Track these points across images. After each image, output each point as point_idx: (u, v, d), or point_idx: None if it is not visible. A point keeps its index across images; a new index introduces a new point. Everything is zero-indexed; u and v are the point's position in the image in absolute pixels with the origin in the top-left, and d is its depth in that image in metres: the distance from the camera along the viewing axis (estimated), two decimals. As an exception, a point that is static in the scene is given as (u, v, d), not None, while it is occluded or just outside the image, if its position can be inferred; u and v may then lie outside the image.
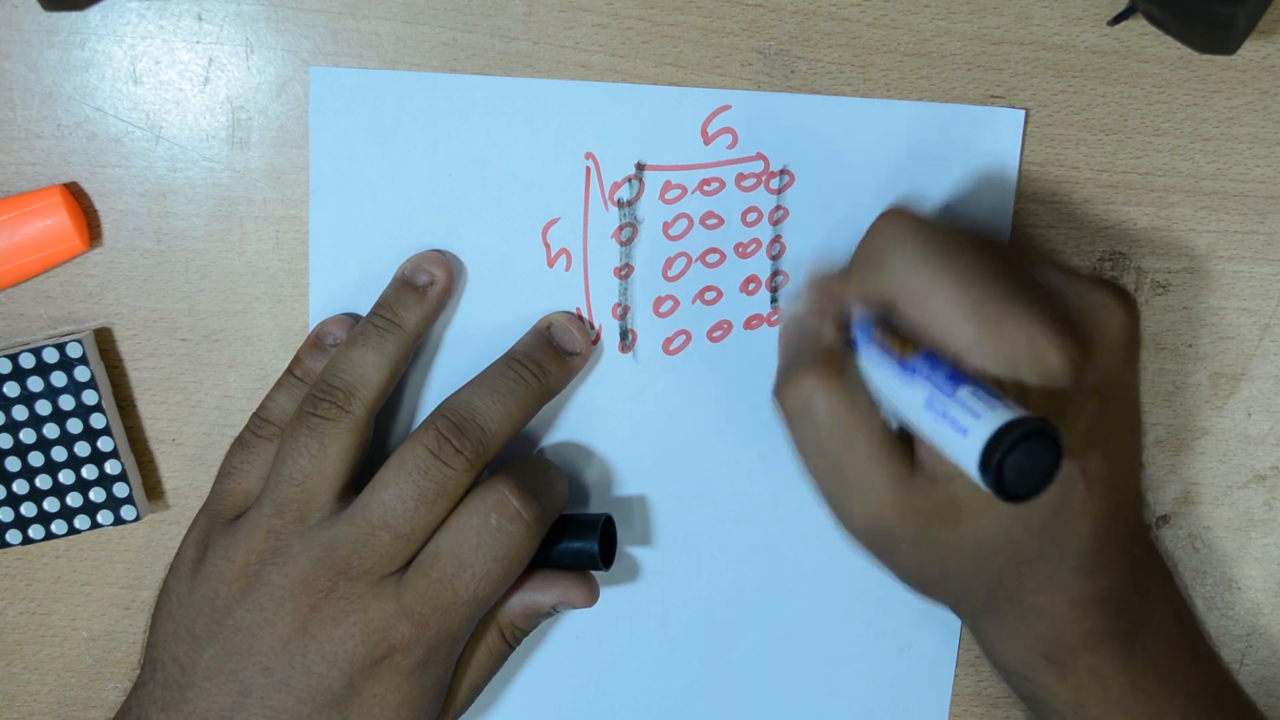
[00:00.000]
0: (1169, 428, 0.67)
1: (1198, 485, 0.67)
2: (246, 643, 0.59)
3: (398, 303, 0.63)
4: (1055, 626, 0.59)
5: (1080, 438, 0.56)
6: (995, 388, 0.51)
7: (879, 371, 0.55)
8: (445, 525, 0.60)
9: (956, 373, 0.52)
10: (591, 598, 0.64)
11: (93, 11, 0.62)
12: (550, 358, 0.63)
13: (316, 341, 0.64)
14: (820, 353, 0.57)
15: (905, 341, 0.54)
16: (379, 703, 0.59)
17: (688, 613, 0.68)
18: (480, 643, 0.63)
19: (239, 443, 0.63)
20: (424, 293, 0.63)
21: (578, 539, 0.63)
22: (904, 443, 0.56)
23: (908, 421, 0.54)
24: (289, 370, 0.64)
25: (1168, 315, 0.66)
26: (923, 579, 0.60)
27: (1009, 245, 0.57)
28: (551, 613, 0.64)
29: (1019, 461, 0.48)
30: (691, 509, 0.67)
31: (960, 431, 0.49)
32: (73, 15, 0.62)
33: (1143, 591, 0.61)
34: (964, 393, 0.50)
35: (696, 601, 0.68)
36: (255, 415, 0.64)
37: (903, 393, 0.53)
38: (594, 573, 0.64)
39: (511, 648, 0.64)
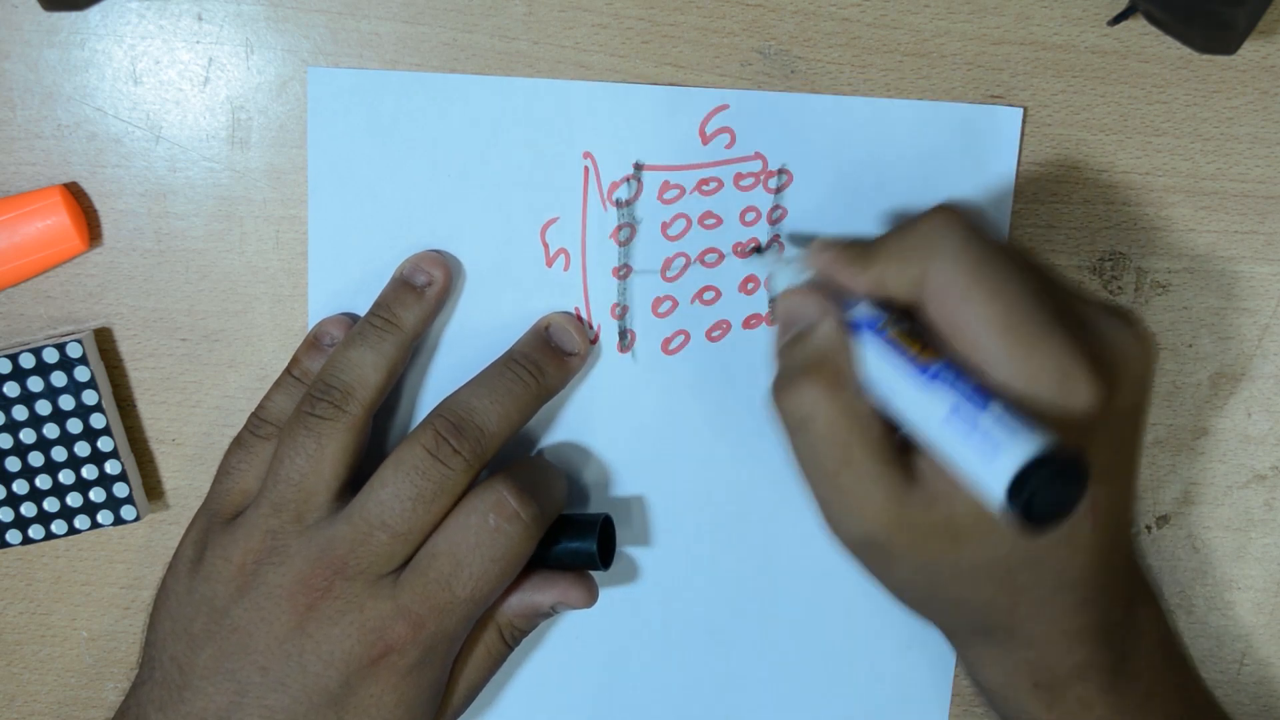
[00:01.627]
0: (1169, 428, 0.67)
1: (1198, 485, 0.67)
2: (243, 642, 0.59)
3: (396, 303, 0.63)
4: (1047, 655, 0.59)
5: (1095, 472, 0.55)
6: (1023, 412, 0.50)
7: (887, 373, 0.53)
8: (443, 525, 0.60)
9: (982, 387, 0.51)
10: (590, 598, 0.63)
11: (93, 11, 0.63)
12: (548, 358, 0.63)
13: (314, 342, 0.64)
14: (822, 355, 0.55)
15: (923, 344, 0.53)
16: (375, 703, 0.59)
17: (687, 612, 0.68)
18: (479, 643, 0.63)
19: (237, 442, 0.63)
20: (422, 293, 0.63)
21: (576, 539, 0.63)
22: (902, 453, 0.54)
23: (918, 430, 0.52)
24: (287, 370, 0.64)
25: (1168, 315, 0.66)
26: (915, 597, 0.59)
27: (1049, 271, 0.56)
28: (551, 613, 0.64)
29: (1046, 490, 0.47)
30: (691, 508, 0.67)
31: (991, 448, 0.48)
32: (73, 15, 0.62)
33: (1131, 620, 0.60)
34: (995, 409, 0.49)
35: (696, 601, 0.68)
36: (253, 415, 0.64)
37: (919, 399, 0.52)
38: (593, 573, 0.64)
39: (510, 648, 0.64)
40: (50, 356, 0.63)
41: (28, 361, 0.63)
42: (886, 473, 0.54)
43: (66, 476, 0.64)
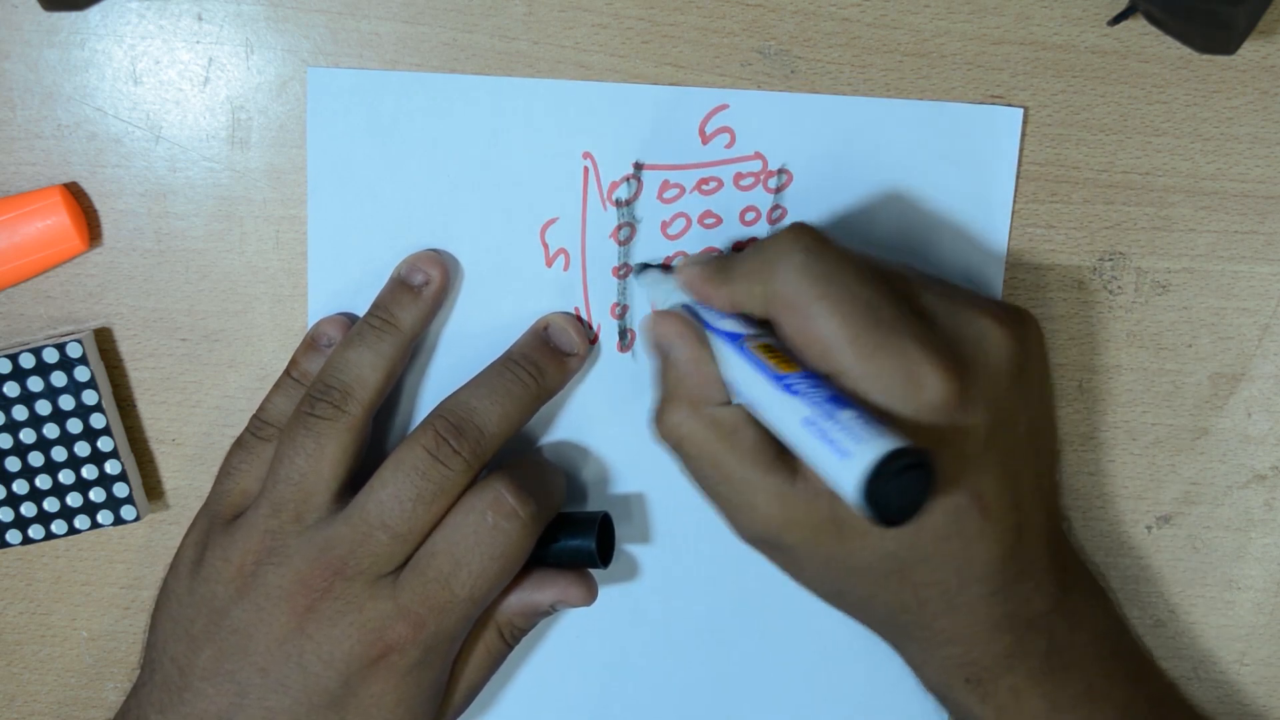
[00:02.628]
0: (1169, 428, 0.67)
1: (1198, 485, 0.67)
2: (243, 643, 0.59)
3: (394, 303, 0.63)
4: (969, 649, 0.59)
5: (969, 464, 0.56)
6: (873, 415, 0.51)
7: (751, 384, 0.55)
8: (442, 524, 0.60)
9: (836, 395, 0.52)
10: (590, 596, 0.63)
11: (93, 11, 0.63)
12: (547, 358, 0.63)
13: (312, 343, 0.64)
14: (681, 377, 0.58)
15: (782, 357, 0.55)
16: (375, 703, 0.59)
17: (687, 611, 0.68)
18: (478, 642, 0.63)
19: (238, 444, 0.63)
20: (419, 292, 0.63)
21: (575, 537, 0.63)
22: (780, 452, 0.56)
23: (783, 435, 0.54)
24: (286, 372, 0.64)
25: (1168, 315, 0.66)
26: (826, 593, 0.61)
27: (898, 272, 0.58)
28: (550, 611, 0.63)
29: (896, 489, 0.49)
30: (691, 507, 0.67)
31: (840, 454, 0.50)
32: (73, 15, 0.62)
33: (1063, 610, 0.61)
34: (844, 415, 0.51)
35: (696, 600, 0.68)
36: (254, 417, 0.64)
37: (778, 408, 0.54)
38: (593, 571, 0.64)
39: (510, 647, 0.64)
40: (50, 356, 0.63)
41: (28, 361, 0.63)
42: (764, 477, 0.56)
43: (66, 476, 0.64)
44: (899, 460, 0.48)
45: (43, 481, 0.64)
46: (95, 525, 0.65)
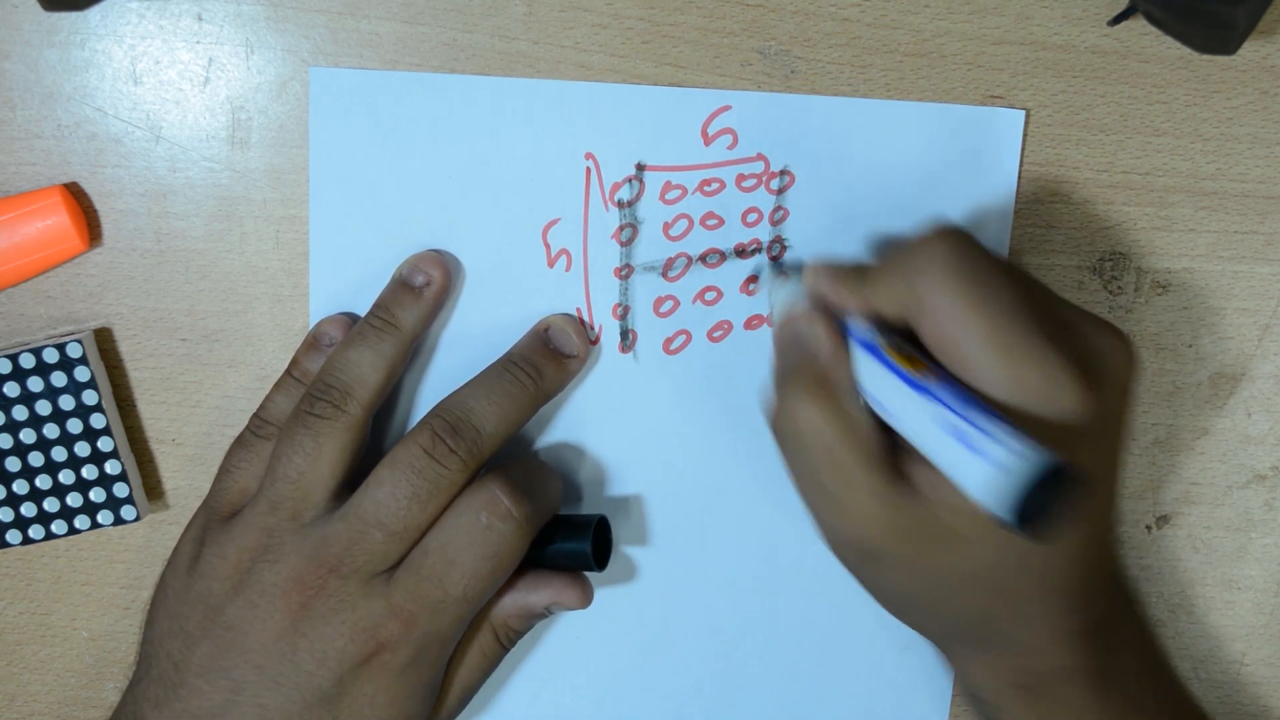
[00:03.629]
0: (1169, 428, 0.67)
1: (1198, 485, 0.67)
2: (238, 640, 0.59)
3: (395, 303, 0.63)
4: (1033, 658, 0.59)
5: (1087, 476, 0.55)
6: (1014, 424, 0.50)
7: (884, 386, 0.54)
8: (436, 524, 0.60)
9: (977, 400, 0.52)
10: (585, 599, 0.63)
11: (93, 11, 0.62)
12: (547, 360, 0.63)
13: (314, 342, 0.64)
14: (815, 372, 0.56)
15: (917, 360, 0.54)
16: (368, 702, 0.59)
17: (687, 612, 0.68)
18: (473, 643, 0.63)
19: (238, 442, 0.63)
20: (420, 293, 0.63)
21: (571, 540, 0.63)
22: (899, 462, 0.55)
23: (915, 441, 0.53)
24: (287, 371, 0.64)
25: (1168, 315, 0.66)
26: (904, 602, 0.60)
27: (1038, 283, 0.57)
28: (545, 614, 0.63)
29: (1045, 503, 0.48)
30: (691, 508, 0.67)
31: (985, 461, 0.49)
32: (73, 15, 0.62)
33: (1114, 624, 0.61)
34: (987, 421, 0.50)
35: (696, 601, 0.68)
36: (255, 416, 0.64)
37: (914, 411, 0.53)
38: (591, 573, 0.64)
39: (505, 649, 0.64)
40: (50, 356, 0.63)
41: (28, 361, 0.63)
42: (877, 479, 0.55)
43: (66, 476, 0.64)
44: (1048, 469, 0.48)
45: (43, 481, 0.64)
46: (95, 525, 0.65)
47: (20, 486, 0.64)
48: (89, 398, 0.63)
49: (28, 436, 0.64)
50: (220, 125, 0.64)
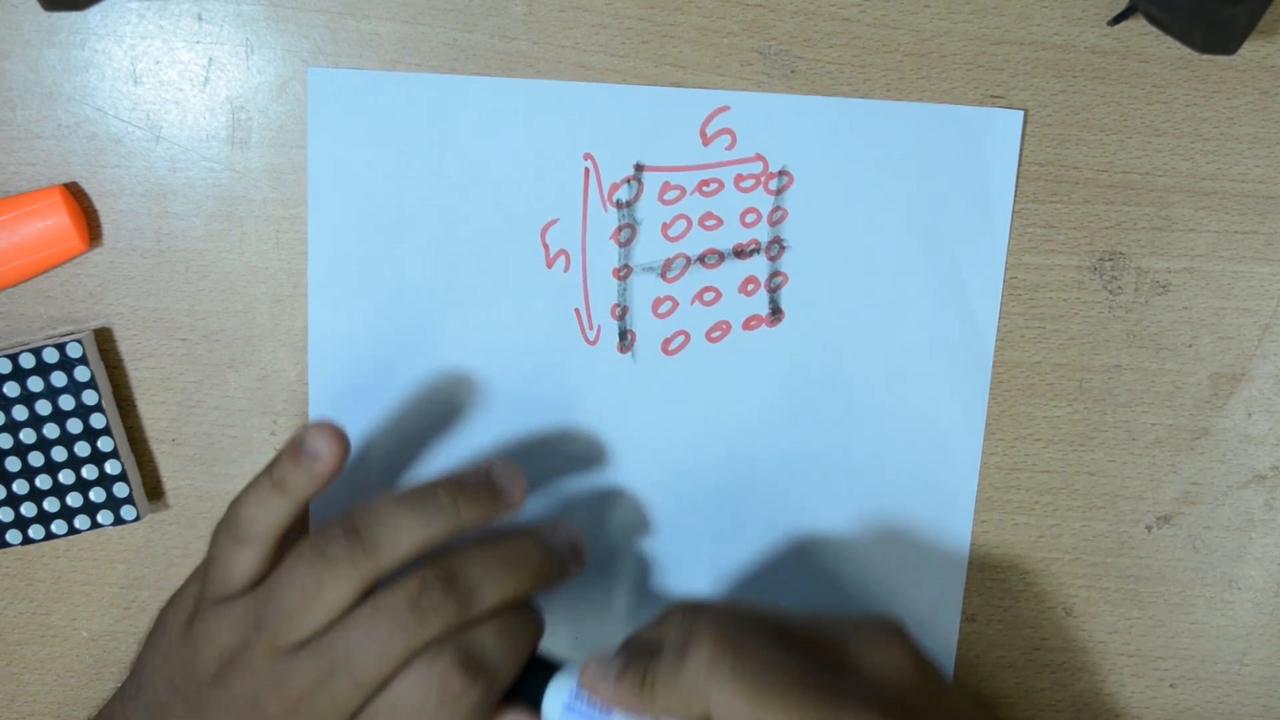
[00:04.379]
0: (1169, 428, 0.67)
1: (1198, 485, 0.67)
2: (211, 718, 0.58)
3: (469, 498, 0.59)
4: None
5: None
6: None
7: None
8: (390, 686, 0.57)
9: None
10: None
11: (93, 11, 0.63)
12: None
13: (296, 452, 0.59)
14: None
15: None
16: None
17: (687, 613, 0.68)
18: None
19: (220, 540, 0.60)
20: (498, 500, 0.59)
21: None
22: None
23: None
24: (267, 473, 0.59)
25: (1168, 315, 0.66)
26: None
27: (802, 627, 0.59)
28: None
29: None
30: (689, 508, 0.67)
31: None
32: (73, 15, 0.62)
33: None
34: None
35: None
36: (231, 522, 0.59)
37: None
38: (590, 571, 0.64)
39: None
40: (50, 356, 0.63)
41: (28, 361, 0.63)
42: None
43: (66, 476, 0.64)
44: None
45: (43, 481, 0.64)
46: (95, 525, 0.65)
47: (20, 486, 0.64)
48: (89, 398, 0.64)
49: (28, 436, 0.64)
50: (220, 125, 0.64)
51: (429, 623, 0.56)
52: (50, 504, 0.65)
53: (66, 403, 0.64)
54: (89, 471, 0.64)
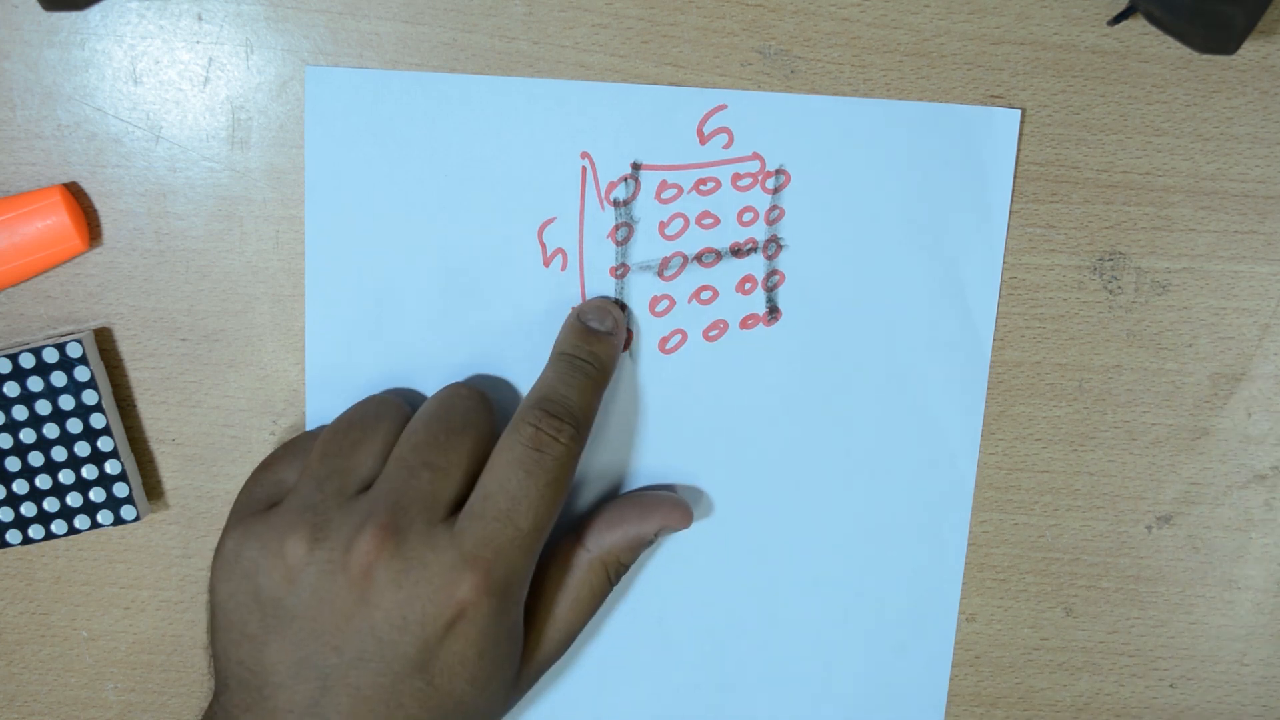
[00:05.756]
0: (1169, 428, 0.67)
1: (1198, 485, 0.67)
2: (308, 628, 0.57)
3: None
4: None
5: None
6: None
7: None
8: (487, 467, 0.59)
9: None
10: (689, 519, 0.64)
11: (93, 11, 0.63)
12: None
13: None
14: None
15: None
16: (459, 660, 0.57)
17: (684, 612, 0.68)
18: (584, 584, 0.62)
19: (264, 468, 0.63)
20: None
21: None
22: None
23: None
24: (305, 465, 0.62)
25: (1168, 315, 0.66)
26: None
27: None
28: (654, 540, 0.64)
29: None
30: (689, 506, 0.67)
31: None
32: (73, 15, 0.62)
33: None
34: None
35: (693, 600, 0.68)
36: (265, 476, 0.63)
37: None
38: None
39: (613, 585, 0.64)
40: (50, 356, 0.63)
41: (28, 361, 0.63)
42: None
43: (66, 476, 0.64)
44: None
45: (43, 481, 0.64)
46: (95, 525, 0.65)
47: (20, 486, 0.64)
48: (89, 398, 0.64)
49: (28, 436, 0.64)
50: (220, 125, 0.64)
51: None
52: (50, 504, 0.65)
53: (66, 403, 0.64)
54: (89, 471, 0.64)
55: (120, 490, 0.65)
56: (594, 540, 0.63)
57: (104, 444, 0.64)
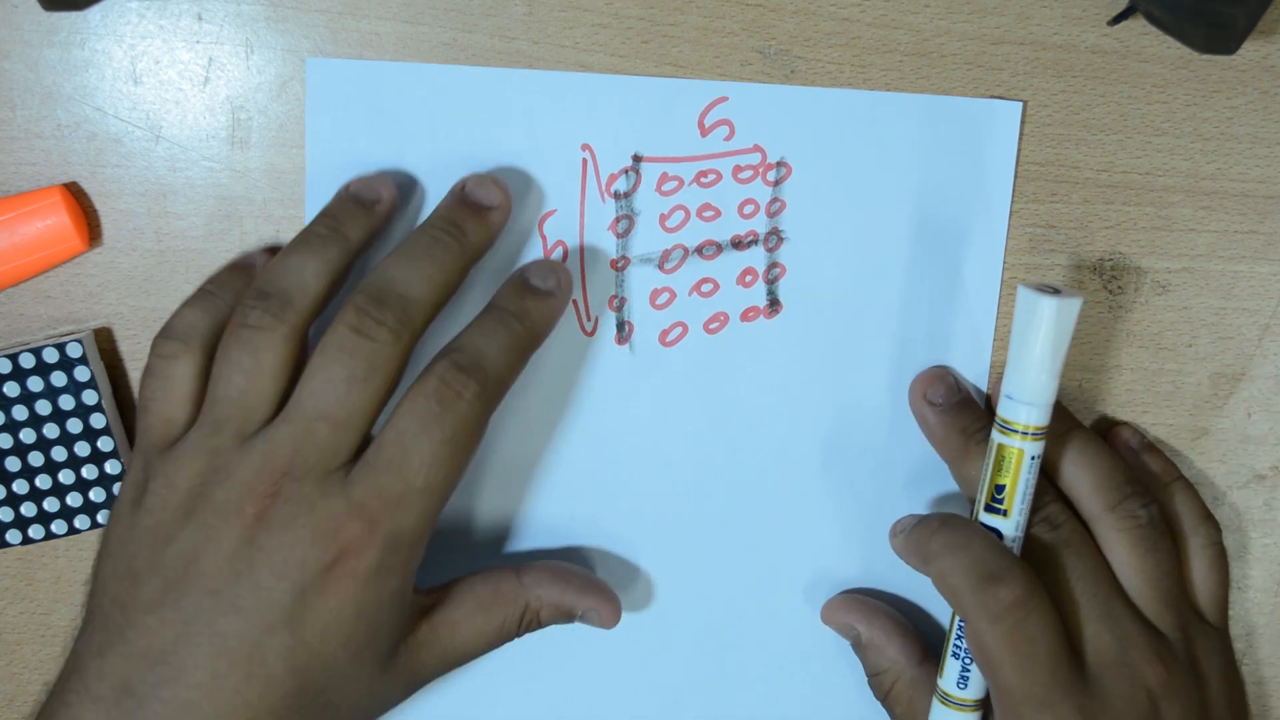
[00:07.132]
0: (1169, 428, 0.67)
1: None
2: (190, 568, 0.56)
3: (342, 214, 0.61)
4: None
5: None
6: None
7: None
8: (390, 418, 0.57)
9: None
10: (615, 619, 0.63)
11: (93, 11, 0.63)
12: (467, 216, 0.61)
13: (238, 263, 0.63)
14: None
15: None
16: (334, 617, 0.56)
17: (683, 609, 0.68)
18: (494, 616, 0.61)
19: (148, 373, 0.60)
20: (371, 208, 0.61)
21: None
22: None
23: None
24: (202, 287, 0.62)
25: (1168, 315, 0.66)
26: None
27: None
28: (572, 619, 0.63)
29: None
30: (687, 502, 0.67)
31: None
32: (73, 15, 0.63)
33: None
34: None
35: (692, 597, 0.68)
36: (158, 338, 0.60)
37: None
38: (587, 569, 0.64)
39: (517, 636, 0.62)
40: (50, 356, 0.63)
41: (28, 361, 0.63)
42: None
43: (66, 476, 0.64)
44: None
45: (43, 481, 0.64)
46: (95, 525, 0.65)
47: (20, 486, 0.64)
48: (89, 398, 0.63)
49: (28, 436, 0.64)
50: (220, 125, 0.64)
51: (378, 335, 0.57)
52: (50, 504, 0.65)
53: (66, 403, 0.63)
54: (89, 471, 0.64)
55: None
56: (532, 582, 0.62)
57: (104, 444, 0.64)
